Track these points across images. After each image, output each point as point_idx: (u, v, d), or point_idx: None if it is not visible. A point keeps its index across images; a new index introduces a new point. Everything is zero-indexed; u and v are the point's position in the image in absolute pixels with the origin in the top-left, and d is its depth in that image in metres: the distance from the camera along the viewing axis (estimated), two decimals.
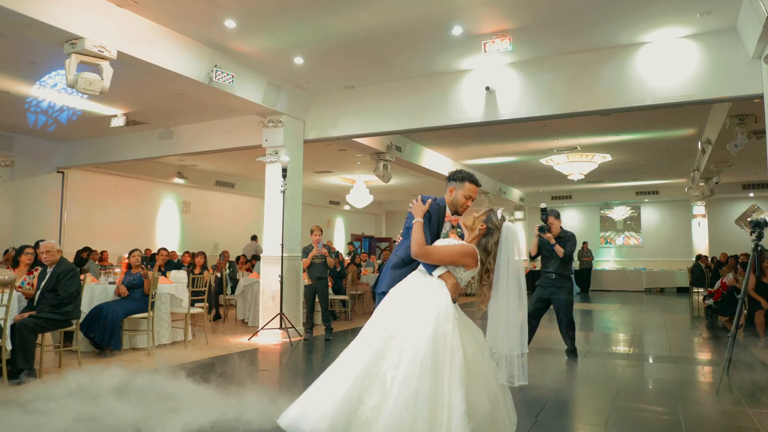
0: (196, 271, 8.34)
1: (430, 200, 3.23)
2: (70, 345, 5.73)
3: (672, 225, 19.28)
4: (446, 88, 7.61)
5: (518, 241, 3.12)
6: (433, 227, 3.22)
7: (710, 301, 9.81)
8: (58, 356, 5.78)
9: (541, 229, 6.13)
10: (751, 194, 17.31)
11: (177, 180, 13.97)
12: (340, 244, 20.89)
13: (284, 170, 7.73)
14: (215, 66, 6.74)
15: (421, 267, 3.07)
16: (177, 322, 7.28)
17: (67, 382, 4.54)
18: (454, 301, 2.96)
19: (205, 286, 7.33)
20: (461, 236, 3.32)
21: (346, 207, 19.76)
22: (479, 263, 3.02)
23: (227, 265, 10.21)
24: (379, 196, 18.97)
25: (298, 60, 7.14)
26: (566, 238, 6.20)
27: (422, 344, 2.70)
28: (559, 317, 6.13)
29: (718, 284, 9.80)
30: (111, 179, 12.77)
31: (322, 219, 19.73)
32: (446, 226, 3.38)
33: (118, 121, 9.01)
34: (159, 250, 8.52)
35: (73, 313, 5.36)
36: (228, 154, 11.28)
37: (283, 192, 7.80)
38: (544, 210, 6.17)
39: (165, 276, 7.84)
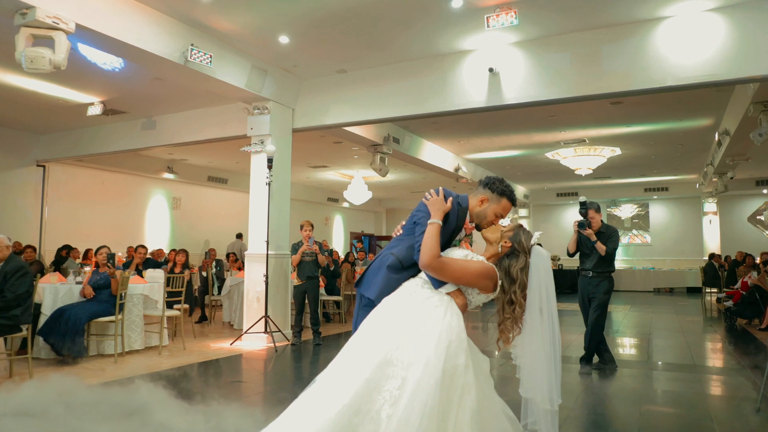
0: (177, 269, 7.74)
1: (451, 199, 2.61)
2: (26, 352, 5.14)
3: (681, 223, 18.62)
4: (446, 71, 6.99)
5: (550, 271, 2.56)
6: (447, 233, 2.62)
7: (729, 303, 9.17)
8: (10, 365, 5.19)
9: (580, 225, 5.49)
10: (765, 191, 16.64)
11: (167, 175, 13.37)
12: (339, 243, 20.29)
13: (270, 160, 7.12)
14: (191, 45, 6.13)
15: (423, 275, 2.48)
16: (152, 326, 6.68)
17: (5, 396, 3.94)
18: None
19: (183, 286, 6.72)
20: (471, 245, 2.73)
21: (345, 204, 19.15)
22: (498, 288, 2.47)
23: (213, 263, 9.61)
24: (378, 192, 18.35)
25: (283, 39, 6.52)
26: (608, 234, 5.59)
27: (429, 379, 2.13)
28: (590, 317, 5.54)
29: (738, 284, 9.15)
30: (96, 174, 12.17)
31: (320, 216, 19.13)
32: (460, 234, 2.78)
33: (95, 110, 8.42)
34: (137, 248, 7.92)
35: (23, 317, 4.76)
36: (219, 148, 10.70)
37: (269, 184, 7.19)
38: (583, 203, 5.51)
39: (141, 275, 7.25)
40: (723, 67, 5.65)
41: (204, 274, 9.45)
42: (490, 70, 6.59)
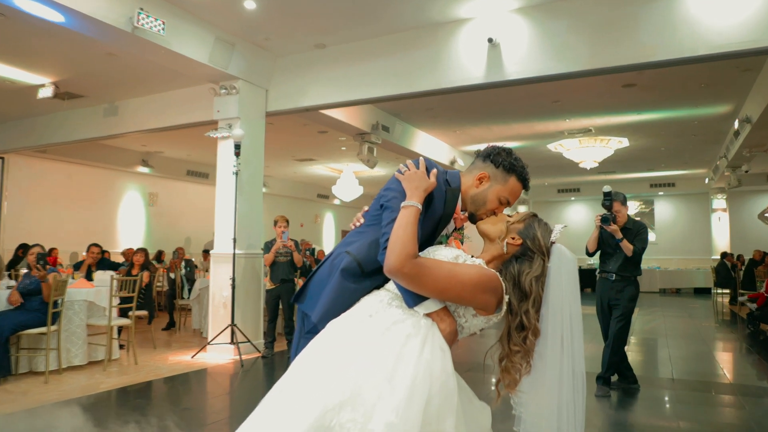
0: (134, 271, 6.83)
1: (435, 171, 1.75)
2: None
3: (689, 220, 17.76)
4: (440, 43, 6.09)
5: (576, 281, 1.70)
6: (430, 224, 1.77)
7: (752, 306, 8.30)
8: None
9: (603, 220, 4.60)
10: None
11: (141, 169, 12.44)
12: (330, 242, 19.36)
13: (237, 146, 6.23)
14: (139, 8, 5.22)
15: (392, 286, 1.62)
16: (99, 337, 5.78)
17: None
18: None
19: (134, 291, 5.82)
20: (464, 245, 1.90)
21: (336, 201, 18.24)
22: (503, 307, 1.61)
23: (183, 264, 8.70)
24: (370, 188, 17.40)
25: (249, 4, 5.62)
26: (635, 231, 4.72)
27: None
28: (611, 328, 4.66)
29: (764, 287, 8.29)
30: (62, 167, 11.22)
31: (310, 214, 18.22)
32: (447, 227, 1.90)
33: (46, 92, 7.49)
34: (89, 247, 7.00)
35: None
36: (198, 139, 9.74)
37: (236, 174, 6.29)
38: (607, 194, 4.62)
39: (90, 279, 6.35)
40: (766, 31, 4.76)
41: (172, 275, 8.53)
42: (490, 40, 5.70)
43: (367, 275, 1.73)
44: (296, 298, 1.91)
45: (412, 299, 1.56)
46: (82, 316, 5.54)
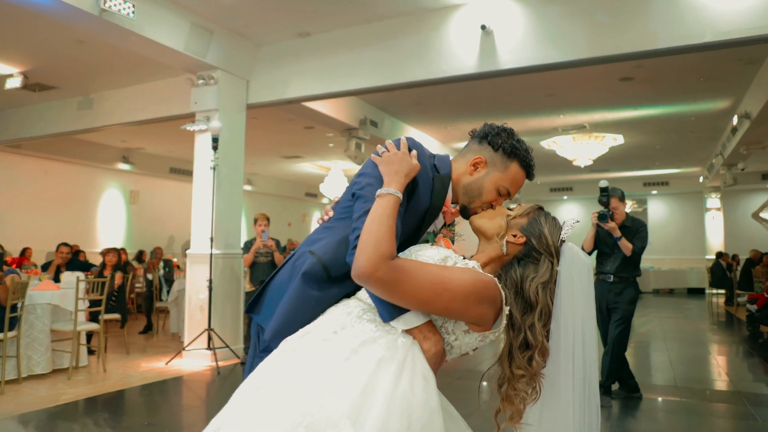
0: (106, 272, 6.44)
1: (415, 152, 1.42)
2: None
3: (682, 219, 17.55)
4: (430, 30, 5.75)
5: (591, 288, 1.40)
6: (414, 218, 1.45)
7: (752, 307, 8.04)
8: None
9: (601, 217, 4.29)
10: None
11: (122, 166, 12.01)
12: None
13: (215, 140, 5.87)
14: None
15: (365, 295, 1.29)
16: (65, 343, 5.39)
17: None
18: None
19: (102, 293, 5.43)
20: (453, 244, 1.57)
21: (325, 200, 17.86)
22: (503, 321, 1.29)
23: (162, 264, 8.31)
24: None
25: None
26: (634, 229, 4.40)
27: None
28: (610, 333, 4.35)
29: (759, 287, 8.03)
30: (37, 163, 10.77)
31: (297, 213, 17.85)
32: (435, 222, 1.56)
33: (14, 82, 7.08)
34: (58, 246, 6.60)
35: None
36: (181, 135, 9.33)
37: (214, 169, 5.92)
38: (604, 189, 4.31)
39: (59, 280, 5.96)
40: None
41: (150, 276, 8.14)
42: (483, 27, 5.37)
43: (334, 281, 1.39)
44: (250, 308, 1.57)
45: (389, 312, 1.22)
46: (45, 321, 5.14)
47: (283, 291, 1.46)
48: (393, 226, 1.23)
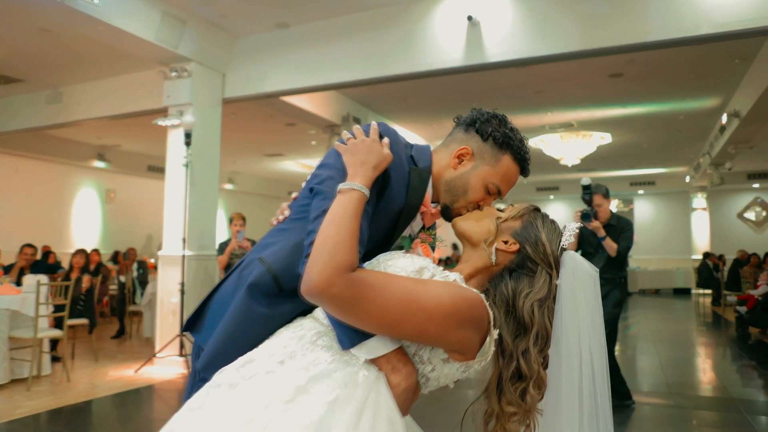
0: (73, 275, 6.10)
1: (387, 140, 1.18)
2: None
3: (668, 219, 17.50)
4: (414, 22, 5.50)
5: (599, 304, 1.13)
6: (385, 219, 1.20)
7: (742, 309, 7.92)
8: None
9: (584, 216, 4.09)
10: (756, 185, 15.63)
11: (97, 164, 11.61)
12: None
13: (188, 136, 5.57)
14: None
15: (321, 315, 1.03)
16: (24, 351, 5.05)
17: None
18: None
19: (66, 296, 5.11)
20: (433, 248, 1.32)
21: None
22: (491, 346, 1.05)
23: (135, 266, 7.97)
24: None
25: None
26: (620, 228, 4.22)
27: None
28: None
29: (747, 287, 7.90)
30: (8, 160, 10.33)
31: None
32: (411, 224, 1.29)
33: None
34: (22, 248, 6.25)
35: None
36: (158, 131, 9.03)
37: (187, 166, 5.63)
38: (587, 187, 4.13)
39: (20, 284, 5.62)
40: None
41: (122, 279, 7.80)
42: (469, 18, 5.14)
43: (287, 295, 1.13)
44: (189, 325, 1.31)
45: (348, 337, 0.97)
46: (3, 327, 4.81)
47: (226, 306, 1.20)
48: (356, 230, 0.98)
